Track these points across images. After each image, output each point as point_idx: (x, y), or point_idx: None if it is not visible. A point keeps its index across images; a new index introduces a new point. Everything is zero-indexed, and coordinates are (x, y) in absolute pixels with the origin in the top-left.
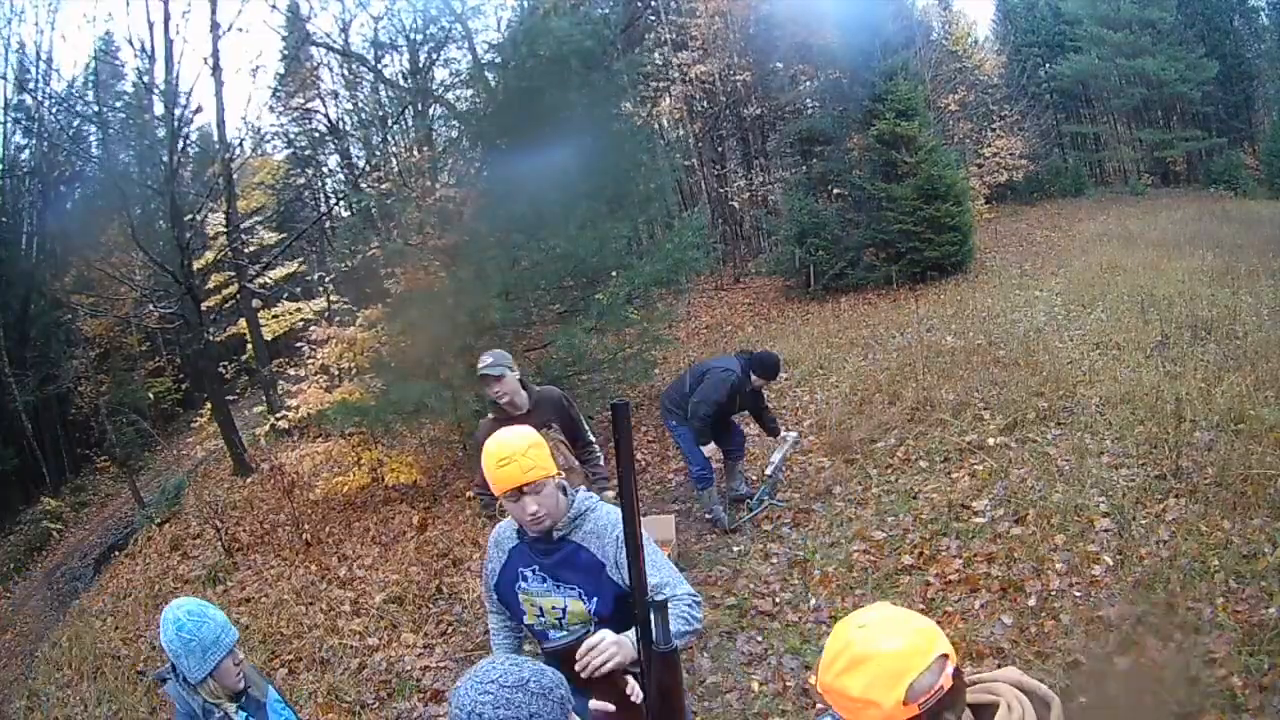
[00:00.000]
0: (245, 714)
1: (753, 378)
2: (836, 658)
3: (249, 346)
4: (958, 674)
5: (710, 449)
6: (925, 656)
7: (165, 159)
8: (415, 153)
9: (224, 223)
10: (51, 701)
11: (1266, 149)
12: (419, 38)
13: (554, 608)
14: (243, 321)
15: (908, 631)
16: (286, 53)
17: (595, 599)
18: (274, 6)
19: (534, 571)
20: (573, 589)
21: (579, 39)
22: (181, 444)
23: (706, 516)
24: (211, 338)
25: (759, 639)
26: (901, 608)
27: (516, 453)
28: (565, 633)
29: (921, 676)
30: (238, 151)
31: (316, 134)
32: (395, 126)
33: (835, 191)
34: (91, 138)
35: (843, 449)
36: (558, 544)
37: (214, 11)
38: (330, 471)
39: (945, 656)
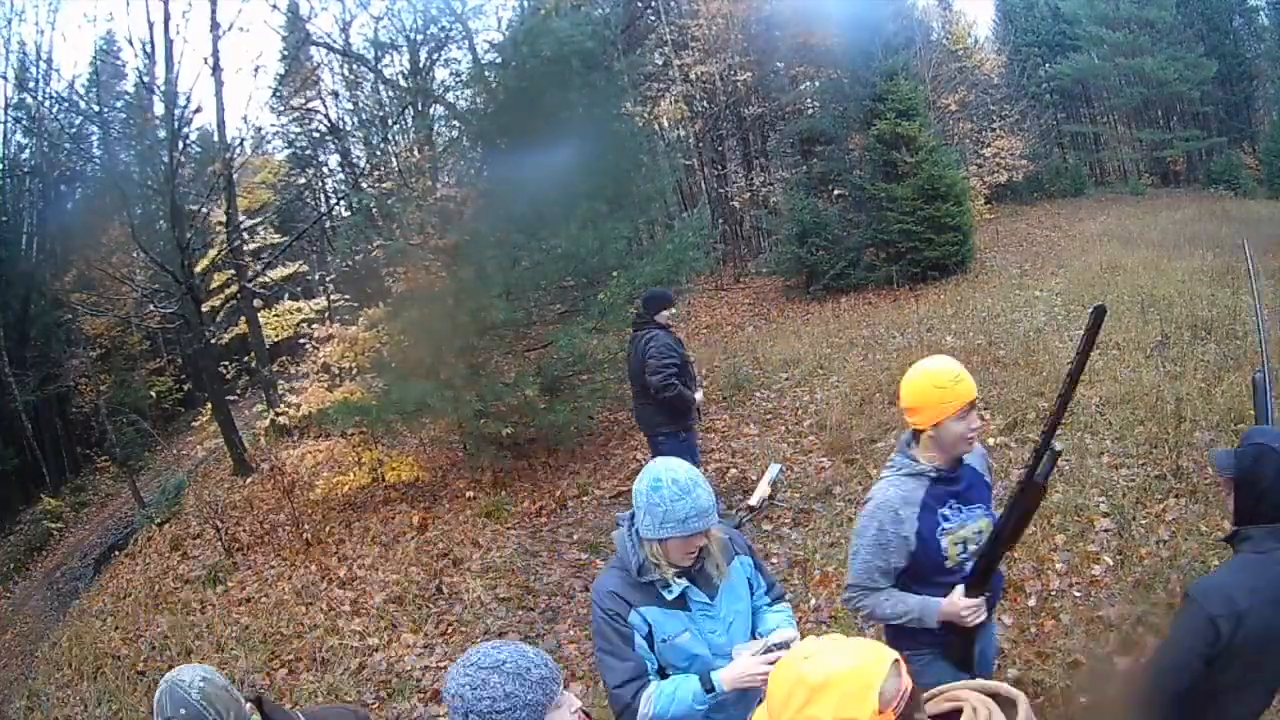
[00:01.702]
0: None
1: (656, 317)
2: (791, 695)
3: (250, 346)
4: (910, 674)
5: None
6: (882, 663)
7: (165, 159)
8: (416, 153)
9: (224, 223)
10: (51, 701)
11: (1266, 149)
12: (419, 38)
13: (976, 533)
14: (244, 321)
15: (852, 647)
16: (287, 53)
17: (987, 510)
18: (274, 6)
19: (950, 507)
20: (979, 507)
21: (580, 39)
22: (181, 444)
23: None
24: (213, 338)
25: None
26: (824, 638)
27: (959, 369)
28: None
29: (887, 682)
30: (238, 151)
31: (317, 134)
32: (395, 126)
33: (836, 192)
34: (92, 137)
35: (843, 449)
36: (959, 469)
37: (214, 11)
38: (330, 471)
39: (897, 660)
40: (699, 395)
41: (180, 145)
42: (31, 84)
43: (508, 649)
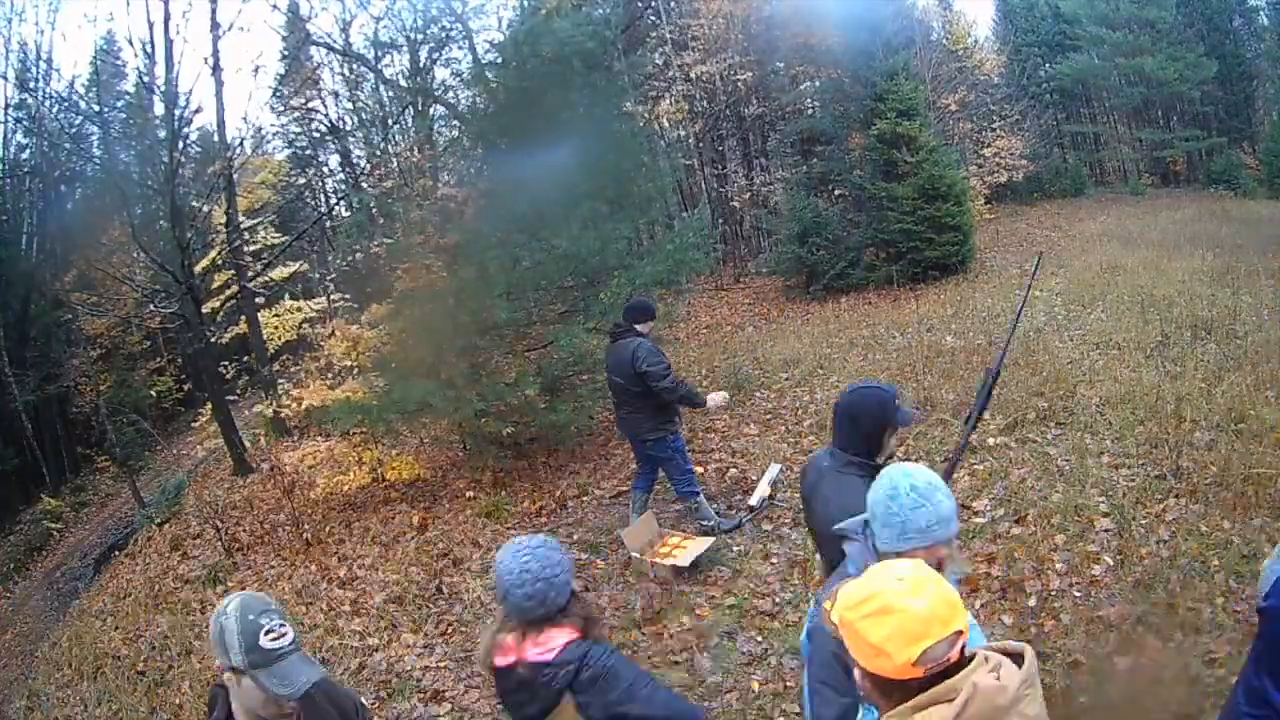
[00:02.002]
0: None
1: (636, 326)
2: (867, 599)
3: (250, 346)
4: (963, 650)
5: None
6: (946, 627)
7: (165, 159)
8: (416, 152)
9: (225, 222)
10: (51, 701)
11: (1266, 149)
12: (419, 38)
13: None
14: (244, 321)
15: (937, 598)
16: (287, 53)
17: None
18: (274, 6)
19: None
20: None
21: (581, 39)
22: (181, 444)
23: (704, 524)
24: (213, 338)
25: (759, 639)
26: (936, 573)
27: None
28: None
29: (937, 645)
30: (238, 151)
31: (317, 134)
32: (396, 126)
33: (836, 192)
34: (92, 137)
35: None
36: None
37: (214, 11)
38: (330, 471)
39: (960, 632)
40: (719, 397)
41: (180, 145)
42: (31, 84)
43: (538, 536)
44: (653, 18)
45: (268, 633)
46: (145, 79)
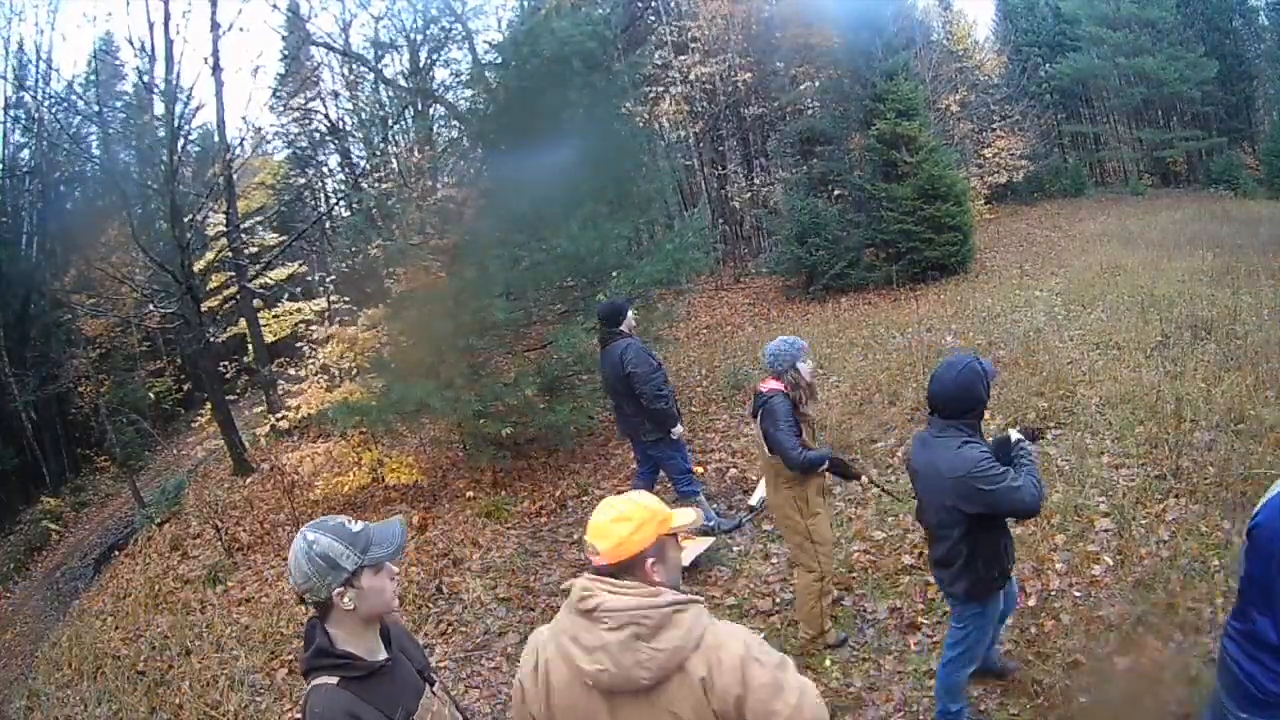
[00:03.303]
0: None
1: (621, 327)
2: (608, 510)
3: (249, 346)
4: None
5: (681, 429)
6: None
7: (165, 159)
8: (416, 153)
9: (224, 223)
10: (51, 701)
11: (1266, 149)
12: (419, 38)
13: None
14: (243, 321)
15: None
16: (287, 53)
17: None
18: (274, 6)
19: None
20: None
21: (580, 39)
22: (181, 444)
23: (704, 524)
24: (212, 338)
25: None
26: None
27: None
28: None
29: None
30: (238, 151)
31: (317, 134)
32: (396, 126)
33: (836, 192)
34: (92, 137)
35: (843, 449)
36: None
37: (214, 11)
38: (330, 471)
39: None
40: (679, 429)
41: (180, 145)
42: (30, 84)
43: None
44: (652, 18)
45: (347, 522)
46: (145, 79)
